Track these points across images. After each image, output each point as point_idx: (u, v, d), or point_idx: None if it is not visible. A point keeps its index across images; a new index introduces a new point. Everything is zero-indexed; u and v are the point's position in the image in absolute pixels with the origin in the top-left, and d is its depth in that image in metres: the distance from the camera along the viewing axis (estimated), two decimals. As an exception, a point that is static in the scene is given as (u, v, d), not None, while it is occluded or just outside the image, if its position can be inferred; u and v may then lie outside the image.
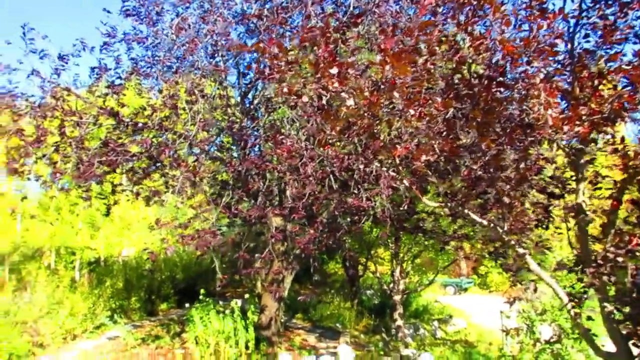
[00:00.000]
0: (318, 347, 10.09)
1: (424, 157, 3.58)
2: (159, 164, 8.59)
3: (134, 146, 8.08)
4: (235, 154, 9.12)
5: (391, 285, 12.05)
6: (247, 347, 7.56)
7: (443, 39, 3.28)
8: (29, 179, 7.69)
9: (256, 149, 8.78)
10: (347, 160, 7.10)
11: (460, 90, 3.29)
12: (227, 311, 7.77)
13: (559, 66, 3.40)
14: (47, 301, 8.68)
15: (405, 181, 4.26)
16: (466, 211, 4.04)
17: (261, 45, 3.13)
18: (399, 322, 11.63)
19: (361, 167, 7.06)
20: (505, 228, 3.82)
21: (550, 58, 3.07)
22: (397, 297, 11.82)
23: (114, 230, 14.62)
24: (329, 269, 18.08)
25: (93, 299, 9.42)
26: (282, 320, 9.58)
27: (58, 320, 8.58)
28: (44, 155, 8.19)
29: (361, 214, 7.83)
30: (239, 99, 9.18)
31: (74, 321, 8.86)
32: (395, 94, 2.80)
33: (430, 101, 3.12)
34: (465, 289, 24.31)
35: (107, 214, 9.28)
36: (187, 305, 8.92)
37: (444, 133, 3.56)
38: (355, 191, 7.36)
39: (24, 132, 8.29)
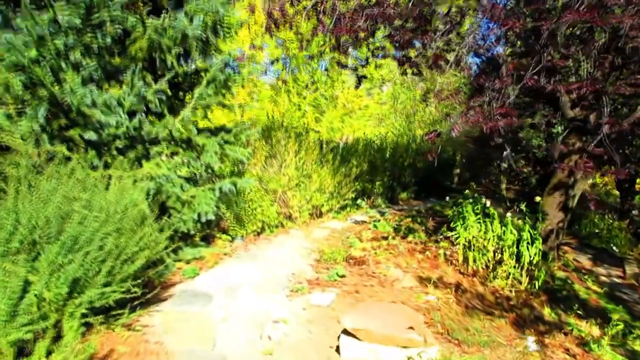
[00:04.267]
0: (596, 273, 7.97)
1: None
2: (426, 27, 6.84)
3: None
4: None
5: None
6: (530, 263, 5.86)
7: None
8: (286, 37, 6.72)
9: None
10: None
11: None
12: (509, 215, 6.06)
13: None
14: (295, 173, 8.11)
15: None
16: None
17: None
18: (699, 254, 8.71)
19: None
20: None
21: None
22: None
23: (336, 116, 13.99)
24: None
25: (339, 177, 8.64)
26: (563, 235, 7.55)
27: (306, 194, 8.01)
28: (304, 8, 7.09)
29: None
30: None
31: (322, 198, 8.23)
32: None
33: None
34: None
35: (357, 86, 8.16)
36: (446, 198, 7.50)
37: None
38: None
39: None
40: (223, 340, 3.62)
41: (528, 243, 5.79)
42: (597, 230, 10.79)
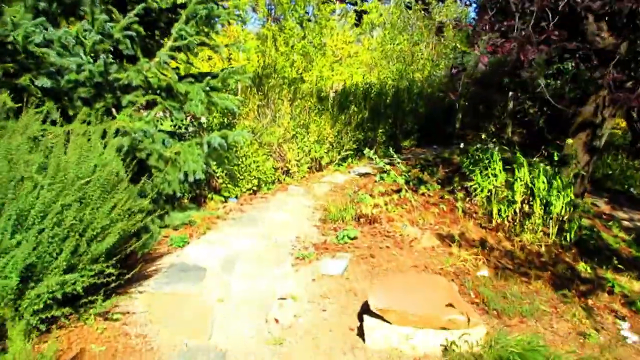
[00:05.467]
0: (618, 217, 7.41)
1: None
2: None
3: None
4: None
5: None
6: (559, 213, 5.24)
7: None
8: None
9: None
10: None
11: None
12: (536, 160, 5.39)
13: None
14: (291, 123, 7.33)
15: None
16: None
17: None
18: None
19: None
20: None
21: None
22: None
23: (325, 64, 13.14)
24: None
25: (338, 126, 7.88)
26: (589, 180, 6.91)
27: (304, 146, 7.27)
28: None
29: None
30: None
31: (321, 149, 7.50)
32: None
33: None
34: None
35: (357, 24, 7.31)
36: (461, 145, 6.81)
37: None
38: None
39: None
40: (221, 328, 2.98)
41: (558, 191, 5.15)
42: (610, 172, 10.22)
